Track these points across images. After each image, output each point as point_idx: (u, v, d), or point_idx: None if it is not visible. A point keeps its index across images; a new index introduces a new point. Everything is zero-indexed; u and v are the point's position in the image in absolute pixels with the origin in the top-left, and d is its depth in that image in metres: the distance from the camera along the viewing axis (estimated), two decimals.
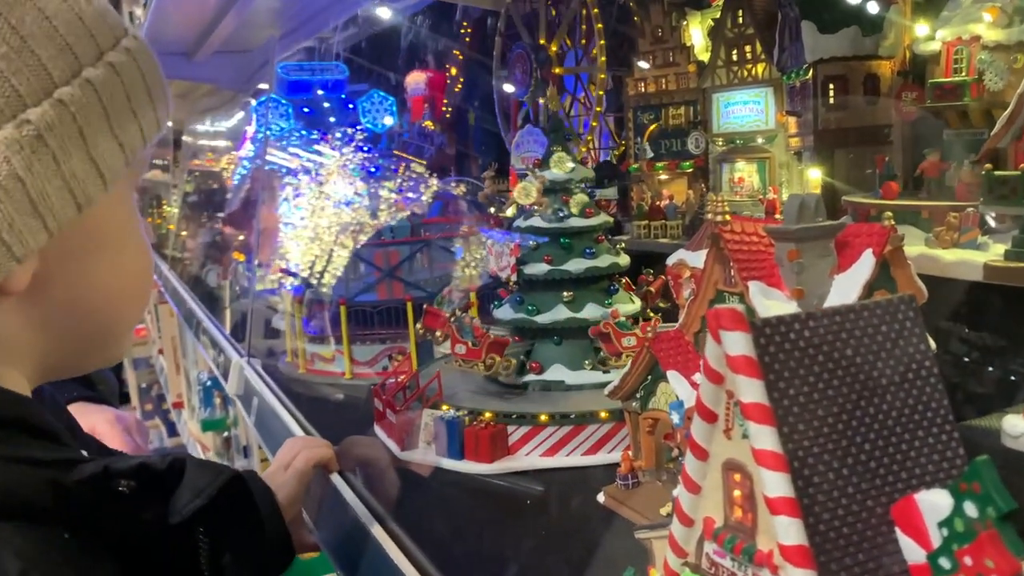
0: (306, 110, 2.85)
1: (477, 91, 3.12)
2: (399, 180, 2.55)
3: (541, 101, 2.44)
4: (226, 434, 4.13)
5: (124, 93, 0.73)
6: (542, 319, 1.57)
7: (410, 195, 2.53)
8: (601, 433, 1.42)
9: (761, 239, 1.06)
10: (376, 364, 2.03)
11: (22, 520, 0.60)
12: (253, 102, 2.82)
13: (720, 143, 1.96)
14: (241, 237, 3.90)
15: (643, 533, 0.87)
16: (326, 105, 2.85)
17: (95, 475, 0.64)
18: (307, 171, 3.07)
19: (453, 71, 3.23)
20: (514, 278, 1.59)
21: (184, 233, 5.41)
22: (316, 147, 3.63)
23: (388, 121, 3.12)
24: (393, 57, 3.51)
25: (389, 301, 2.04)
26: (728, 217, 1.07)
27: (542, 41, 2.41)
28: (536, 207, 1.63)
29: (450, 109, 3.53)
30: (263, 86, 5.03)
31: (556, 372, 1.57)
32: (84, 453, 0.72)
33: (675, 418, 1.03)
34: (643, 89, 2.12)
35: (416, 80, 3.92)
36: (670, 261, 1.20)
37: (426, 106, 3.94)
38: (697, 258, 1.16)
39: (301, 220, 2.98)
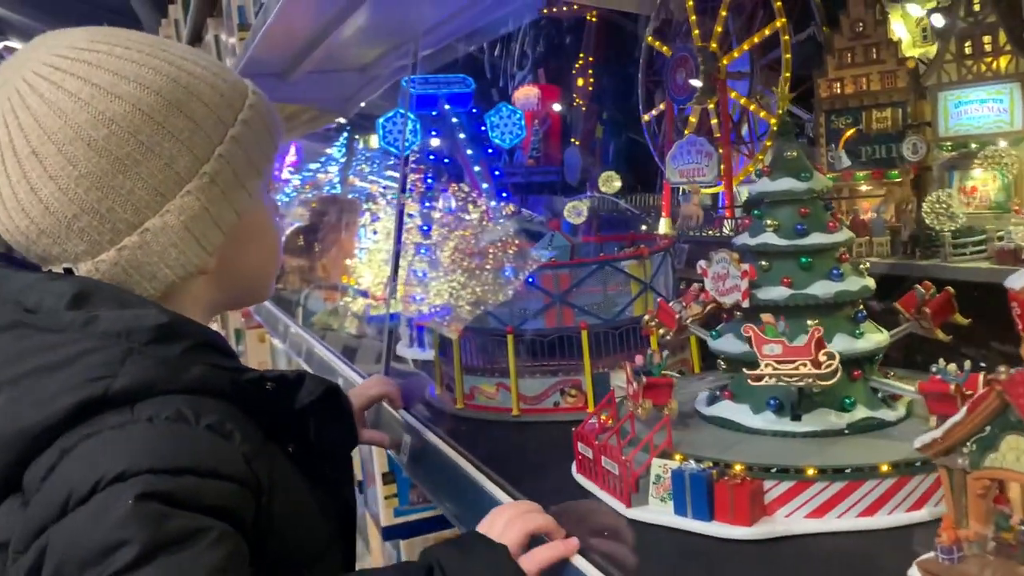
0: (434, 132, 2.67)
1: (609, 100, 2.92)
2: (451, 201, 2.48)
3: (710, 106, 2.22)
4: None
5: (255, 137, 1.13)
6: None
7: (463, 216, 2.43)
8: (881, 491, 1.18)
9: None
10: (546, 399, 1.82)
11: (215, 398, 1.02)
12: (382, 120, 2.66)
13: (948, 147, 1.72)
14: (349, 261, 3.76)
15: None
16: (455, 120, 2.68)
17: (254, 377, 1.10)
18: (383, 196, 3.28)
19: (580, 82, 3.04)
20: (745, 304, 1.37)
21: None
22: (389, 172, 3.56)
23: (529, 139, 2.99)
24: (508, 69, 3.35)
25: (559, 329, 1.83)
26: None
27: (701, 44, 2.20)
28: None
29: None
30: (362, 104, 4.92)
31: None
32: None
33: None
34: (838, 91, 1.89)
35: (527, 95, 3.74)
36: (1016, 284, 0.97)
37: (536, 122, 3.76)
38: None
39: (375, 244, 3.24)
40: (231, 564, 0.90)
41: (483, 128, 2.73)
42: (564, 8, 3.12)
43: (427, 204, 2.98)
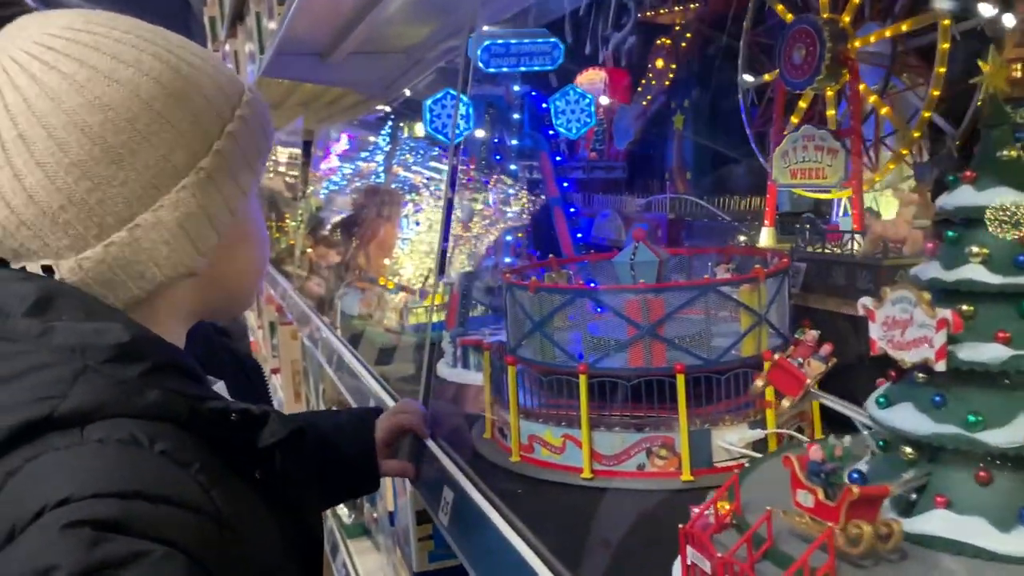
0: (488, 114, 2.28)
1: (694, 90, 2.51)
2: (490, 193, 2.42)
3: (828, 94, 1.79)
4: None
5: (251, 135, 1.08)
6: (997, 438, 0.92)
7: (504, 208, 2.32)
8: None
9: None
10: (627, 460, 1.43)
11: (173, 424, 0.94)
12: (429, 102, 2.27)
13: None
14: (387, 261, 3.41)
15: None
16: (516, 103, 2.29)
17: (217, 408, 0.99)
18: (426, 187, 3.24)
19: (660, 63, 2.62)
20: (941, 366, 0.96)
21: (310, 250, 4.98)
22: (432, 163, 3.46)
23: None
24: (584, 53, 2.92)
25: (647, 370, 1.43)
26: None
27: (829, 15, 1.78)
28: None
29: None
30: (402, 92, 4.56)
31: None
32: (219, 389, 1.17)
33: None
34: (1018, 75, 1.46)
35: (591, 80, 3.33)
36: None
37: (600, 110, 3.34)
38: None
39: (417, 236, 3.17)
40: None
41: (544, 106, 2.34)
42: (662, 11, 2.63)
43: (468, 198, 2.97)
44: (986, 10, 1.54)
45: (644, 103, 2.90)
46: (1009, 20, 1.48)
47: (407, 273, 3.29)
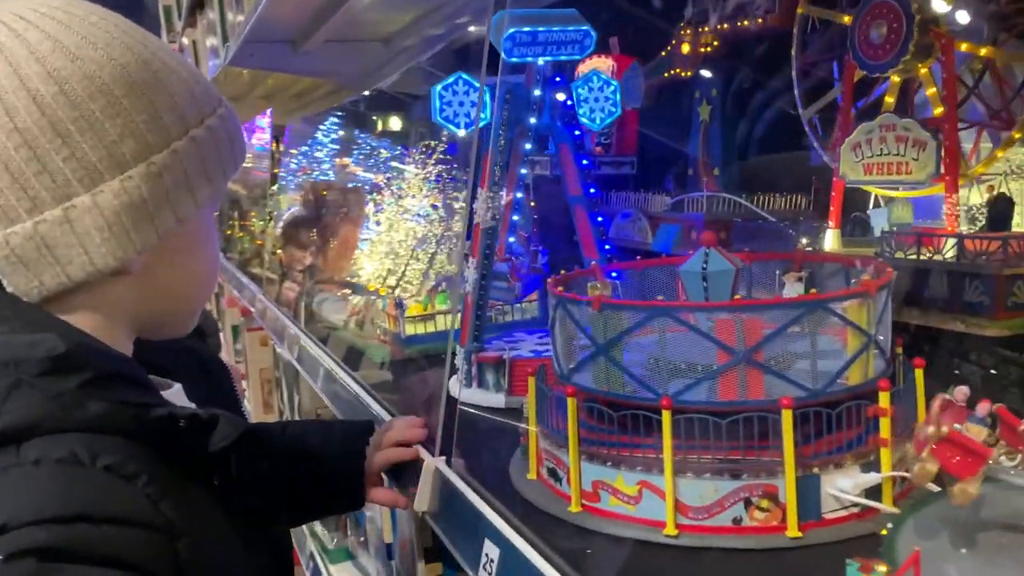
0: (507, 102, 2.02)
1: (722, 81, 2.27)
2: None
3: (922, 71, 1.57)
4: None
5: (217, 148, 1.06)
6: None
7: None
8: None
9: None
10: (721, 513, 1.18)
11: (113, 435, 0.92)
12: (439, 88, 2.00)
13: None
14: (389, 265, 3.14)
15: None
16: (537, 93, 2.03)
17: (163, 416, 0.96)
18: (387, 186, 3.15)
19: (685, 49, 2.39)
20: None
21: (279, 252, 4.66)
22: (394, 164, 3.42)
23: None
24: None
25: (743, 404, 1.19)
26: None
27: None
28: None
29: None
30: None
31: None
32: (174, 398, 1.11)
33: None
34: None
35: (595, 69, 3.09)
36: None
37: None
38: None
39: (378, 236, 3.11)
40: None
41: (568, 101, 2.09)
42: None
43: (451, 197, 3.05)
44: None
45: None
46: None
47: (366, 274, 3.21)
